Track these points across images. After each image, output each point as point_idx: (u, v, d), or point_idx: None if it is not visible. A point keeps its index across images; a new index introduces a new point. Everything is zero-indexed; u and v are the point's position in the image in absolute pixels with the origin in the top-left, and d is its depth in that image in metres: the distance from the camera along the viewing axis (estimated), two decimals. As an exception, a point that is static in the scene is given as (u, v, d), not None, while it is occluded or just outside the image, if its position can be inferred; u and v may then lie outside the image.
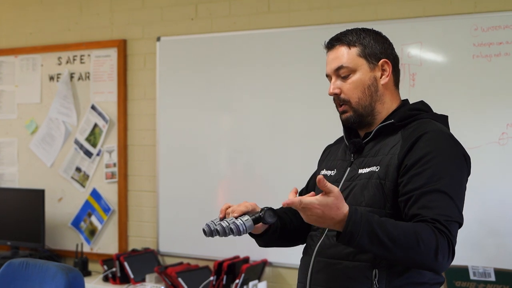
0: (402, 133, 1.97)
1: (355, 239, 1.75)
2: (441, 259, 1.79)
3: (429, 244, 1.76)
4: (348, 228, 1.74)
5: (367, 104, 2.01)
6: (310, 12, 4.00)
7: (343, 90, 2.02)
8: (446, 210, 1.82)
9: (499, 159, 3.48)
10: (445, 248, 1.79)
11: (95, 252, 4.67)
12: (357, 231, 1.74)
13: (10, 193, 4.82)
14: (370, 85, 2.01)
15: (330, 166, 2.13)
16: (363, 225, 1.75)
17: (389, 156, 1.93)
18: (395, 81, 2.07)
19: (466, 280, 3.35)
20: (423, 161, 1.87)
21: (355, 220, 1.75)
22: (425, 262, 1.80)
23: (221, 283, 3.90)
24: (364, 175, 1.96)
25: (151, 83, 4.50)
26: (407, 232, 1.77)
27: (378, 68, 2.02)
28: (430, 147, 1.89)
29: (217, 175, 4.28)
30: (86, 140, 4.69)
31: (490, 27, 3.49)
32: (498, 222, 3.49)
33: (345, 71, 2.01)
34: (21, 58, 4.98)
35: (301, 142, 3.99)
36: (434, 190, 1.84)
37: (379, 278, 1.87)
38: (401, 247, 1.76)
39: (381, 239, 1.75)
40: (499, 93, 3.50)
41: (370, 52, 2.01)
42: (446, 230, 1.79)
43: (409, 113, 2.00)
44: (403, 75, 3.65)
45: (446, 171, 1.87)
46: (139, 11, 4.56)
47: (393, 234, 1.76)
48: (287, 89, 4.04)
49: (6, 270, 2.96)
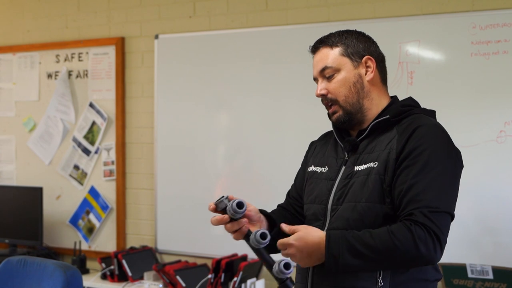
0: (397, 128, 1.99)
1: (338, 260, 1.82)
2: (424, 250, 1.81)
3: (405, 241, 1.80)
4: (329, 250, 1.83)
5: (354, 101, 2.04)
6: (308, 10, 4.00)
7: (330, 90, 2.06)
8: (433, 201, 1.85)
9: (497, 157, 3.48)
10: (423, 238, 1.81)
11: (93, 250, 4.67)
12: (338, 251, 1.82)
13: (8, 191, 4.82)
14: (355, 82, 2.04)
15: (320, 163, 2.14)
16: (342, 244, 1.82)
17: (387, 151, 1.95)
18: (382, 78, 2.10)
19: (464, 278, 3.35)
20: (415, 153, 1.90)
21: (333, 241, 1.83)
22: (412, 259, 1.83)
23: (219, 281, 3.90)
24: (362, 172, 1.97)
25: (149, 81, 4.50)
26: (383, 237, 1.82)
27: (362, 65, 2.06)
28: (423, 139, 1.92)
29: (215, 172, 4.28)
30: (84, 137, 4.69)
31: (488, 25, 3.49)
32: (496, 220, 3.49)
33: (330, 71, 2.05)
34: (19, 55, 4.98)
35: (299, 140, 3.97)
36: (423, 181, 1.86)
37: (383, 275, 1.89)
38: (382, 253, 1.82)
39: (362, 253, 1.82)
40: (497, 91, 3.50)
41: (352, 50, 2.05)
42: (426, 221, 1.82)
43: (402, 109, 2.03)
44: (401, 73, 3.65)
45: (438, 162, 1.89)
46: (137, 8, 4.56)
47: (371, 244, 1.82)
48: (285, 87, 4.04)
49: (4, 268, 2.96)
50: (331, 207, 2.00)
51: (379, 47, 2.12)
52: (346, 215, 1.95)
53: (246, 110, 4.17)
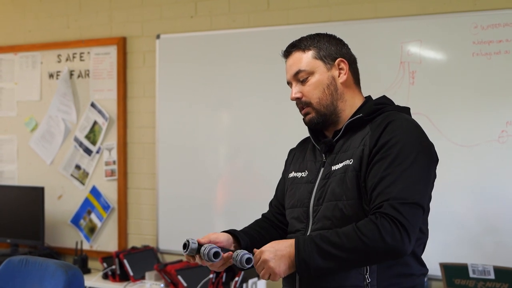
0: (371, 126, 2.00)
1: (309, 264, 1.83)
2: (390, 240, 1.81)
3: (371, 235, 1.81)
4: (300, 256, 1.84)
5: (328, 103, 2.07)
6: (309, 10, 4.00)
7: (304, 93, 2.09)
8: (401, 193, 1.85)
9: (499, 157, 3.48)
10: (389, 229, 1.80)
11: (94, 250, 4.67)
12: (308, 256, 1.83)
13: (9, 191, 4.82)
14: (329, 84, 2.07)
15: (300, 168, 2.17)
16: (311, 248, 1.83)
17: (361, 147, 1.97)
18: (355, 79, 2.12)
19: (466, 278, 3.35)
20: (386, 147, 1.92)
21: (302, 245, 1.84)
22: (381, 252, 1.83)
23: (220, 280, 3.90)
24: (338, 170, 1.99)
25: (151, 81, 4.50)
26: (349, 234, 1.83)
27: (335, 67, 2.08)
28: (394, 133, 1.93)
29: (216, 172, 4.28)
30: (86, 137, 4.70)
31: (490, 25, 3.49)
32: (497, 220, 3.49)
33: (303, 75, 2.09)
34: (20, 55, 4.98)
35: (300, 140, 3.98)
36: (393, 175, 1.87)
37: (370, 271, 1.91)
38: (351, 251, 1.82)
39: (331, 253, 1.83)
40: (498, 91, 3.50)
41: (325, 53, 2.08)
42: (393, 212, 1.82)
43: (375, 107, 2.05)
44: (403, 73, 3.65)
45: (409, 155, 1.90)
46: (138, 8, 4.56)
47: (338, 243, 1.83)
48: (286, 87, 4.02)
49: (5, 268, 2.96)
50: (313, 208, 2.03)
51: (350, 49, 2.15)
52: (329, 214, 1.97)
53: (248, 110, 4.17)
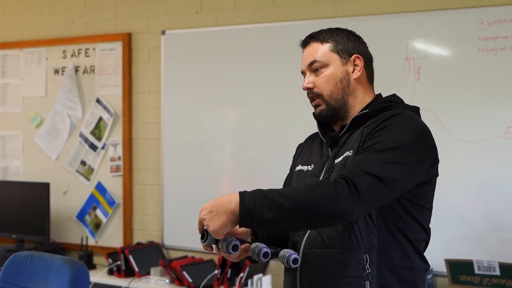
0: (373, 119, 2.00)
1: (253, 213, 1.77)
2: (343, 198, 1.76)
3: (325, 188, 1.78)
4: (244, 204, 1.77)
5: (339, 97, 2.07)
6: (315, 5, 3.99)
7: (316, 84, 2.08)
8: (365, 166, 1.83)
9: (504, 153, 3.47)
10: (344, 189, 1.77)
11: (100, 245, 4.68)
12: (253, 204, 1.77)
13: (15, 187, 4.83)
14: (342, 78, 2.07)
15: (306, 162, 2.17)
16: (257, 197, 1.78)
17: (359, 138, 1.97)
18: (369, 77, 2.12)
19: (471, 274, 3.35)
20: (377, 131, 1.92)
21: (248, 195, 1.79)
22: (330, 208, 1.77)
23: (225, 276, 3.91)
24: (339, 162, 1.99)
25: (156, 77, 4.50)
26: (302, 188, 1.82)
27: (350, 63, 2.08)
28: (390, 121, 1.93)
29: (221, 168, 4.29)
30: (91, 133, 4.70)
31: (496, 21, 3.48)
32: (503, 216, 3.49)
33: (318, 65, 2.08)
34: (26, 51, 4.99)
35: (306, 136, 3.97)
36: (369, 152, 1.87)
37: (370, 262, 1.91)
38: (299, 202, 1.77)
39: (278, 203, 1.77)
40: (504, 87, 3.49)
41: (342, 48, 2.08)
42: (353, 175, 1.80)
43: (383, 105, 2.05)
44: (408, 69, 3.64)
45: (394, 141, 1.88)
46: (143, 4, 4.56)
47: (287, 193, 1.79)
48: (292, 83, 4.02)
49: (11, 263, 2.97)
50: None
51: (368, 48, 2.15)
52: None
53: (253, 106, 4.17)
